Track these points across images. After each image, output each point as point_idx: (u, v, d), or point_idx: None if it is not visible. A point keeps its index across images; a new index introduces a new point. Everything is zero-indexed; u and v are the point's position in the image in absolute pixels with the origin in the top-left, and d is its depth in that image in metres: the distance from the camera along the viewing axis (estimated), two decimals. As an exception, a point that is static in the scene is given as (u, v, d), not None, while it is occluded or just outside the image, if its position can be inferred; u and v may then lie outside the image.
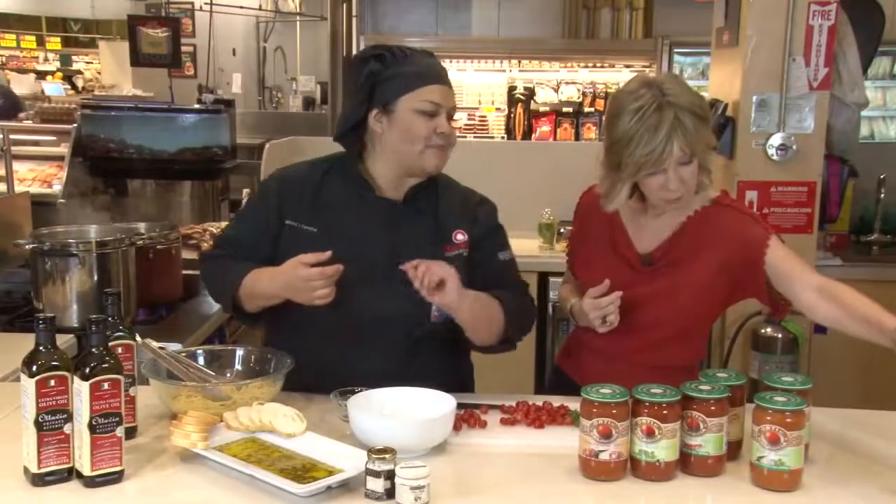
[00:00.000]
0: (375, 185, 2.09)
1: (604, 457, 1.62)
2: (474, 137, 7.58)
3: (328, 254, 1.91)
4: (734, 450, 1.73)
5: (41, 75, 10.58)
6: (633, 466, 1.65)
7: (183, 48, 5.60)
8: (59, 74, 11.14)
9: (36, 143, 4.41)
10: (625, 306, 1.99)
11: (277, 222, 2.09)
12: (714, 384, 1.68)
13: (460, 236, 2.11)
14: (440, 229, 2.10)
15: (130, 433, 1.76)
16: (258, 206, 2.17)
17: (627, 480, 1.64)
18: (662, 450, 1.62)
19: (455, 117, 2.11)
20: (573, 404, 1.93)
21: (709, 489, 1.63)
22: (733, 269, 2.02)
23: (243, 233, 2.16)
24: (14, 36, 12.15)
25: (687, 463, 1.66)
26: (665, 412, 1.62)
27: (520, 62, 8.10)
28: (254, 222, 2.15)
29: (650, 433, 1.62)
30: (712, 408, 1.64)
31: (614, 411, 1.62)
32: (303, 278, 1.91)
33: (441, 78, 2.06)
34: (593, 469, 1.64)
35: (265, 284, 2.01)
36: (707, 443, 1.64)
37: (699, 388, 1.66)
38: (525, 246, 4.32)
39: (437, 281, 1.88)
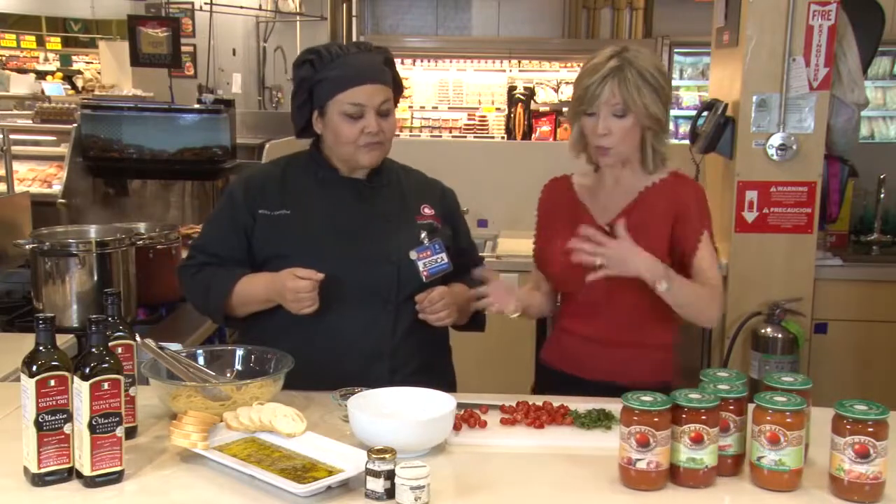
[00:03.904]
0: (337, 170, 2.17)
1: (641, 465, 1.58)
2: (474, 137, 7.58)
3: (321, 276, 1.99)
4: (737, 462, 1.69)
5: (41, 75, 10.58)
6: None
7: (183, 48, 5.57)
8: (59, 74, 11.13)
9: (36, 143, 4.40)
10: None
11: (248, 218, 2.14)
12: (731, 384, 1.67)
13: (427, 210, 2.20)
14: (407, 202, 2.19)
15: (130, 433, 1.76)
16: (225, 209, 2.22)
17: (620, 482, 1.63)
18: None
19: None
20: (573, 404, 1.93)
21: (707, 491, 1.62)
22: (679, 224, 2.13)
23: (216, 236, 2.20)
24: (14, 36, 12.14)
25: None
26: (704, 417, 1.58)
27: (520, 62, 8.10)
28: (224, 225, 2.19)
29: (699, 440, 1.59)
30: (731, 407, 1.63)
31: (656, 419, 1.57)
32: (291, 290, 1.99)
33: (366, 77, 2.09)
34: (633, 478, 1.59)
35: (260, 291, 2.09)
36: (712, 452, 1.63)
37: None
38: (525, 246, 4.30)
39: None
